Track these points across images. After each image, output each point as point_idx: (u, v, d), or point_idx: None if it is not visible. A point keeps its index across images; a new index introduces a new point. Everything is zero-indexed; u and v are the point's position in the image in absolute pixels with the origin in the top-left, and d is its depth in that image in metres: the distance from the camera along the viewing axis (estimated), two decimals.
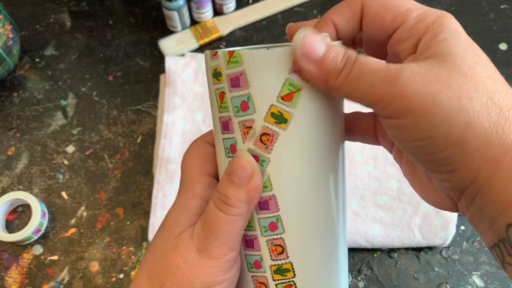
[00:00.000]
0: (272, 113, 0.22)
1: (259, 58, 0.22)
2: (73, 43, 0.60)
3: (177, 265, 0.24)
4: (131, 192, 0.50)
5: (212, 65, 0.24)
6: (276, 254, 0.24)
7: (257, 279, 0.25)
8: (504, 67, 0.57)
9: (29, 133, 0.54)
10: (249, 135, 0.23)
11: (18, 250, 0.47)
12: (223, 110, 0.24)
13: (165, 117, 0.52)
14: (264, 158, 0.23)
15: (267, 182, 0.23)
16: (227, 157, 0.24)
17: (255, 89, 0.22)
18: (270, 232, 0.24)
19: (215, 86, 0.24)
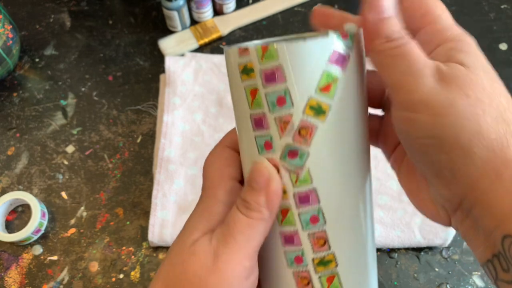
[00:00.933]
0: (310, 106, 0.22)
1: (296, 51, 0.22)
2: (73, 43, 0.60)
3: (194, 272, 0.23)
4: (131, 192, 0.50)
5: (241, 62, 0.23)
6: (318, 246, 0.24)
7: (298, 275, 0.25)
8: (504, 67, 0.57)
9: (29, 133, 0.54)
10: (287, 130, 0.23)
11: (18, 250, 0.47)
12: (255, 107, 0.23)
13: (165, 117, 0.52)
14: (303, 151, 0.23)
15: (307, 175, 0.23)
16: (260, 154, 0.24)
17: (292, 82, 0.22)
18: (311, 225, 0.24)
19: (244, 83, 0.23)
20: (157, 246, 0.47)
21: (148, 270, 0.46)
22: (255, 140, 0.24)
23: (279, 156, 0.23)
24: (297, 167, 0.23)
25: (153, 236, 0.46)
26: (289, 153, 0.23)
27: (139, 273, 0.46)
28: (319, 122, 0.22)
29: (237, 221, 0.23)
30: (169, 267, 0.25)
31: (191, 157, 0.50)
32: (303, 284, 0.25)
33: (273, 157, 0.23)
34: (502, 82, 0.22)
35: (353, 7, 0.62)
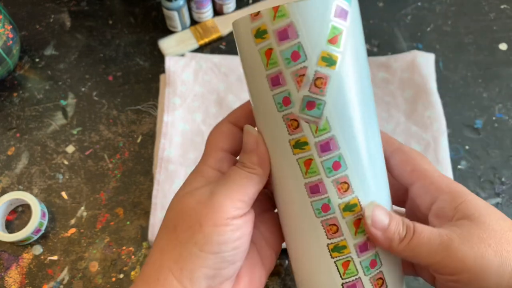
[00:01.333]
0: (322, 57, 0.24)
1: (305, 8, 0.24)
2: (73, 43, 0.60)
3: (190, 206, 0.27)
4: (131, 192, 0.50)
5: (253, 26, 0.25)
6: (342, 191, 0.26)
7: (327, 222, 0.26)
8: (504, 67, 0.57)
9: (29, 133, 0.54)
10: (303, 82, 0.24)
11: (18, 250, 0.47)
12: (271, 67, 0.25)
13: (165, 117, 0.52)
14: (320, 101, 0.25)
15: (326, 124, 0.25)
16: (279, 111, 0.25)
17: (304, 37, 0.24)
18: (334, 171, 0.26)
19: (258, 46, 0.25)
20: None
21: None
22: (273, 99, 0.25)
23: (298, 109, 0.25)
24: (316, 117, 0.25)
25: (153, 236, 0.46)
26: (307, 105, 0.25)
27: (139, 273, 0.46)
28: (331, 72, 0.24)
29: (234, 172, 0.27)
30: (168, 215, 0.28)
31: (191, 157, 0.50)
32: (332, 232, 0.26)
33: (293, 111, 0.25)
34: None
35: None
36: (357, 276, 0.27)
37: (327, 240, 0.27)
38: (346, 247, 0.26)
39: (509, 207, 0.48)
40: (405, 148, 0.30)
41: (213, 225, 0.26)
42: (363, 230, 0.26)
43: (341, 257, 0.27)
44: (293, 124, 0.25)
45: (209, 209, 0.26)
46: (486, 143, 0.52)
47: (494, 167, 0.51)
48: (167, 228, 0.28)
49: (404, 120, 0.52)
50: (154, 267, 0.28)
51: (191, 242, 0.26)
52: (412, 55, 0.55)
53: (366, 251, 0.27)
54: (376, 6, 0.62)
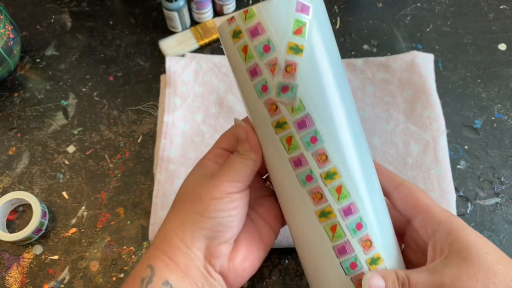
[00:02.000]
0: (290, 47, 0.28)
1: (269, 8, 0.28)
2: (74, 44, 0.60)
3: (194, 188, 0.32)
4: (131, 192, 0.50)
5: (230, 29, 0.29)
6: (322, 162, 0.29)
7: (312, 191, 0.30)
8: (503, 68, 0.57)
9: (30, 133, 0.54)
10: (276, 70, 0.28)
11: (19, 250, 0.47)
12: (248, 61, 0.29)
13: (166, 117, 0.52)
14: (292, 85, 0.29)
15: (300, 104, 0.29)
16: (260, 98, 0.30)
17: (272, 32, 0.28)
18: (312, 145, 0.29)
19: (236, 44, 0.29)
20: None
21: None
22: (254, 88, 0.30)
23: (275, 94, 0.29)
24: (291, 99, 0.29)
25: (153, 236, 0.46)
26: (282, 89, 0.29)
27: None
28: (299, 59, 0.28)
29: (232, 160, 0.32)
30: (177, 196, 0.34)
31: (192, 157, 0.50)
32: (317, 199, 0.30)
33: (271, 96, 0.29)
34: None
35: (353, 7, 0.63)
36: (345, 238, 0.30)
37: (314, 207, 0.30)
38: (332, 212, 0.30)
39: (508, 206, 0.49)
40: (407, 183, 0.34)
41: (211, 198, 0.31)
42: (346, 195, 0.30)
43: (328, 221, 0.30)
44: (272, 108, 0.29)
45: (209, 187, 0.31)
46: (485, 143, 0.52)
47: (493, 167, 0.51)
48: (174, 206, 0.34)
49: (404, 120, 0.52)
50: (161, 232, 0.33)
51: (192, 211, 0.31)
52: (411, 55, 0.55)
53: (350, 215, 0.30)
54: (376, 7, 0.62)
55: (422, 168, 0.49)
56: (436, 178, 0.48)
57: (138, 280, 0.32)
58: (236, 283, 0.34)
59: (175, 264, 0.31)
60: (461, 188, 0.50)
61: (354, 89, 0.54)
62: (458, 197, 0.49)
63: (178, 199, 0.34)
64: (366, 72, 0.55)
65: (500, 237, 0.47)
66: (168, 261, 0.31)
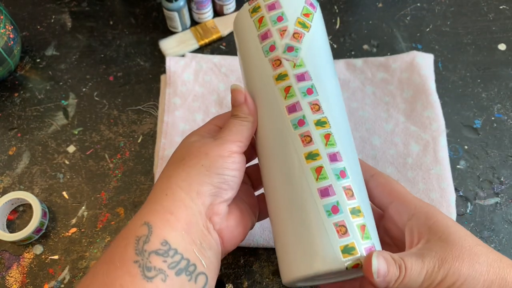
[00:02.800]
0: (299, 21, 0.34)
1: None
2: (74, 44, 0.60)
3: (197, 147, 0.33)
4: (131, 191, 0.50)
5: (250, 7, 0.36)
6: (314, 111, 0.32)
7: (302, 134, 0.32)
8: (503, 68, 0.57)
9: (30, 133, 0.54)
10: (285, 35, 0.34)
11: (19, 250, 0.47)
12: (262, 28, 0.35)
13: (166, 117, 0.52)
14: (297, 47, 0.34)
15: (301, 62, 0.33)
16: (266, 55, 0.34)
17: (286, 8, 0.35)
18: (308, 95, 0.33)
19: (253, 17, 0.35)
20: None
21: None
22: (262, 49, 0.34)
23: (281, 52, 0.34)
24: (294, 57, 0.33)
25: None
26: (287, 49, 0.34)
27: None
28: (305, 31, 0.34)
29: (232, 122, 0.34)
30: (176, 154, 0.34)
31: None
32: (306, 142, 0.32)
33: (277, 54, 0.34)
34: None
35: (353, 7, 0.63)
36: (329, 181, 0.31)
37: (303, 149, 0.32)
38: (319, 155, 0.32)
39: (508, 206, 0.49)
40: (382, 174, 0.36)
41: (218, 155, 0.32)
42: (333, 143, 0.32)
43: (314, 163, 0.31)
44: (276, 63, 0.34)
45: (214, 145, 0.33)
46: (485, 143, 0.52)
47: (493, 167, 0.51)
48: (174, 161, 0.33)
49: (404, 120, 0.52)
50: (160, 188, 0.32)
51: (198, 164, 0.32)
52: (411, 55, 0.55)
53: (336, 161, 0.32)
54: (376, 7, 0.62)
55: (422, 168, 0.49)
56: (436, 178, 0.48)
57: (131, 239, 0.29)
58: (229, 244, 0.34)
59: (177, 220, 0.30)
60: (461, 188, 0.50)
61: (354, 89, 0.54)
62: (458, 197, 0.49)
63: (178, 156, 0.34)
64: (366, 72, 0.55)
65: (499, 237, 0.47)
66: (169, 216, 0.30)
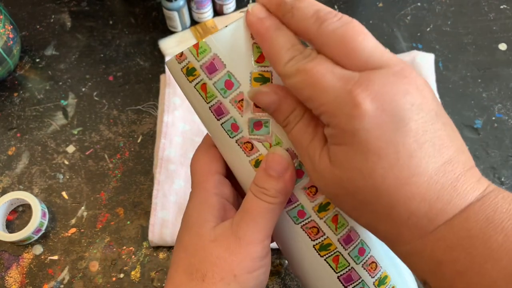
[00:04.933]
0: (255, 78, 0.25)
1: (223, 38, 0.24)
2: (74, 43, 0.60)
3: (218, 255, 0.25)
4: (131, 192, 0.50)
5: (182, 66, 0.25)
6: (312, 195, 0.26)
7: (307, 227, 0.27)
8: (503, 68, 0.57)
9: (30, 133, 0.54)
10: (244, 107, 0.25)
11: (19, 250, 0.47)
12: (210, 99, 0.25)
13: (165, 117, 0.52)
14: (265, 119, 0.25)
15: (278, 139, 0.26)
16: (231, 138, 0.26)
17: (231, 65, 0.24)
18: (299, 179, 0.26)
19: (193, 83, 0.25)
20: (157, 245, 0.47)
21: (149, 270, 0.46)
22: (223, 127, 0.26)
23: (248, 132, 0.26)
24: (266, 136, 0.26)
25: (153, 236, 0.46)
26: (254, 126, 0.25)
27: (140, 272, 0.46)
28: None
29: (257, 207, 0.25)
30: (187, 257, 0.26)
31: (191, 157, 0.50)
32: (313, 234, 0.27)
33: (243, 135, 0.26)
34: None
35: (353, 7, 0.63)
36: (349, 266, 0.28)
37: (312, 242, 0.27)
38: (332, 244, 0.27)
39: None
40: None
41: (247, 272, 0.25)
42: (344, 222, 0.27)
43: (329, 254, 0.27)
44: (247, 146, 0.26)
45: (240, 256, 0.25)
46: (486, 143, 0.52)
47: (494, 167, 0.51)
48: (191, 274, 0.25)
49: None
50: None
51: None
52: (411, 55, 0.55)
53: (351, 242, 0.27)
54: (376, 7, 0.62)
55: None
56: None
57: None
58: None
59: None
60: None
61: None
62: None
63: (200, 270, 0.25)
64: None
65: None
66: None
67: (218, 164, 0.28)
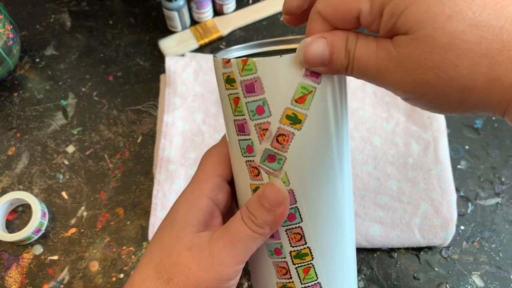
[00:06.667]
0: (287, 115, 0.24)
1: (272, 65, 0.23)
2: (73, 43, 0.60)
3: (188, 266, 0.25)
4: (131, 192, 0.50)
5: (224, 72, 0.25)
6: (295, 241, 0.27)
7: (277, 264, 0.28)
8: None
9: (29, 133, 0.54)
10: (266, 136, 0.25)
11: (18, 250, 0.47)
12: (238, 114, 0.25)
13: (165, 117, 0.52)
14: (281, 156, 0.25)
15: (285, 178, 0.25)
16: (243, 156, 0.26)
17: (270, 94, 0.24)
18: (289, 222, 0.26)
19: (228, 91, 0.25)
20: None
21: None
22: (239, 143, 0.26)
23: (259, 159, 0.25)
24: (275, 170, 0.25)
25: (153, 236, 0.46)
26: (268, 157, 0.25)
27: None
28: (295, 130, 0.24)
29: (241, 231, 0.25)
30: (161, 254, 0.27)
31: (192, 157, 0.50)
32: (282, 273, 0.28)
33: (254, 160, 0.26)
34: None
35: None
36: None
37: (277, 279, 0.28)
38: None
39: (508, 206, 0.49)
40: None
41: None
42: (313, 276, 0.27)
43: None
44: (254, 171, 0.26)
45: (209, 275, 0.25)
46: (486, 143, 0.52)
47: (494, 167, 0.51)
48: (159, 274, 0.26)
49: (404, 119, 0.52)
50: None
51: None
52: None
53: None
54: None
55: (422, 168, 0.48)
56: (436, 178, 0.48)
57: None
58: None
59: None
60: (462, 188, 0.50)
61: (354, 89, 0.54)
62: (459, 197, 0.49)
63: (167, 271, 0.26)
64: None
65: (500, 237, 0.47)
66: None
67: (223, 168, 0.28)
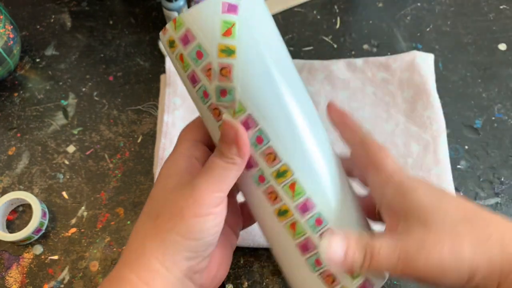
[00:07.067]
0: (221, 50, 0.27)
1: (194, 14, 0.28)
2: (74, 43, 0.60)
3: (172, 200, 0.29)
4: (131, 192, 0.50)
5: (165, 39, 0.29)
6: (271, 161, 0.29)
7: (266, 192, 0.30)
8: (503, 68, 0.57)
9: (30, 133, 0.54)
10: (212, 75, 0.28)
11: (19, 250, 0.47)
12: (186, 69, 0.29)
13: (166, 117, 0.52)
14: (230, 88, 0.28)
15: (240, 106, 0.28)
16: (204, 104, 0.29)
17: (201, 37, 0.28)
18: (259, 145, 0.29)
19: (174, 54, 0.29)
20: None
21: None
22: (197, 94, 0.29)
23: (215, 99, 0.28)
24: (231, 102, 0.28)
25: None
26: (221, 93, 0.28)
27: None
28: (233, 60, 0.27)
29: (214, 163, 0.29)
30: (151, 203, 0.30)
31: None
32: (273, 199, 0.30)
33: (212, 101, 0.29)
34: None
35: (353, 7, 0.63)
36: (306, 235, 0.30)
37: (272, 207, 0.30)
38: (289, 211, 0.29)
39: (508, 206, 0.49)
40: (367, 140, 0.31)
41: (195, 216, 0.28)
42: (300, 191, 0.29)
43: (287, 220, 0.30)
44: (215, 112, 0.29)
45: (191, 200, 0.28)
46: (486, 143, 0.52)
47: (494, 167, 0.51)
48: (149, 216, 0.30)
49: (404, 120, 0.52)
50: (136, 252, 0.29)
51: (173, 231, 0.28)
52: (411, 55, 0.55)
53: (307, 211, 0.29)
54: (376, 7, 0.62)
55: (422, 168, 0.49)
56: (436, 178, 0.48)
57: None
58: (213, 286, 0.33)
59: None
60: (461, 188, 0.50)
61: (354, 89, 0.54)
62: None
63: (155, 210, 0.30)
64: (366, 72, 0.55)
65: None
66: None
67: (196, 133, 0.32)
